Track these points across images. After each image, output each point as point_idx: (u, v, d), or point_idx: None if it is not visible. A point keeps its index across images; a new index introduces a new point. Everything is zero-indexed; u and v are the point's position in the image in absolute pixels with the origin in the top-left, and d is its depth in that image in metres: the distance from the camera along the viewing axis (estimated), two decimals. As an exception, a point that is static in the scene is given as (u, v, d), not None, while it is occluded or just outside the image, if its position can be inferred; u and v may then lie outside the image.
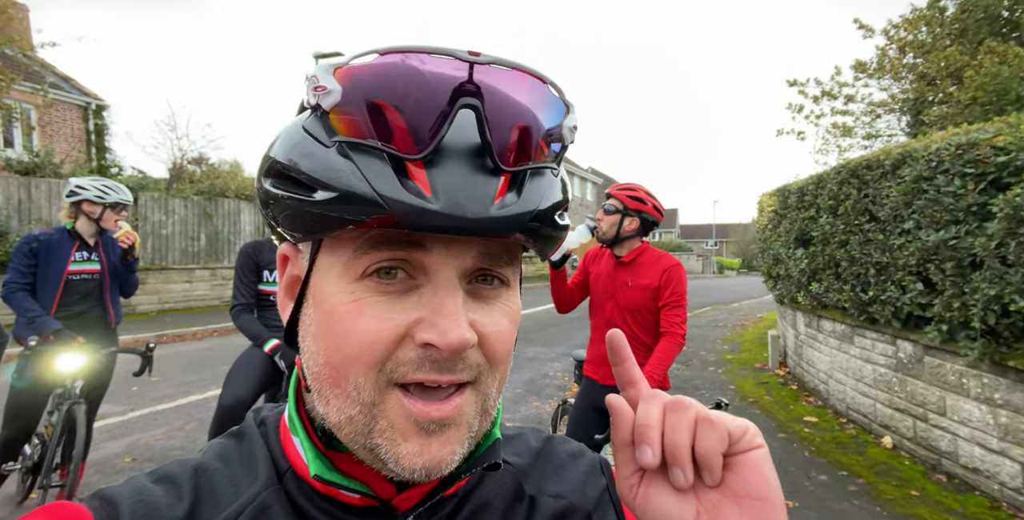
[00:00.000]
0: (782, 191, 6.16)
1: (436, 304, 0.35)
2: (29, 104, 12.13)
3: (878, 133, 11.39)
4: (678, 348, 2.15)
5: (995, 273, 2.88)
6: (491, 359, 0.37)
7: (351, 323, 0.35)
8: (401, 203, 0.32)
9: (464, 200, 0.33)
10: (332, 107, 0.34)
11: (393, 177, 0.33)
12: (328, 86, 0.33)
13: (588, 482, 0.49)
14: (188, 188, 12.25)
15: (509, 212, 0.34)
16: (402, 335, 0.35)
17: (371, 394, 0.35)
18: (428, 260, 0.35)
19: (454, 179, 0.33)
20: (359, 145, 0.33)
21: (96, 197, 2.78)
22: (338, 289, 0.36)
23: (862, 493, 3.28)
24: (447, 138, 0.34)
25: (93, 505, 0.37)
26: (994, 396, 3.11)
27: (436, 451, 0.35)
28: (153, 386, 5.58)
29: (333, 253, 0.37)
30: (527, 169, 0.36)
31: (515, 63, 0.36)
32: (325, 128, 0.35)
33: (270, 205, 0.38)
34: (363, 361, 0.35)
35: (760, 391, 5.70)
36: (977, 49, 9.39)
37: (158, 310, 11.05)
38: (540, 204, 0.36)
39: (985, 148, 3.04)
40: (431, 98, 0.33)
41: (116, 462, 3.66)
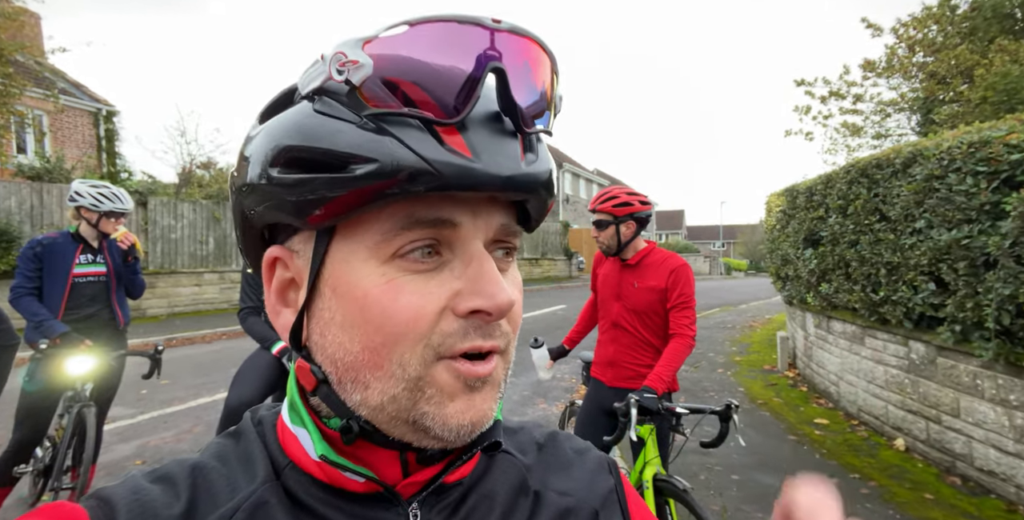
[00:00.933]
0: (790, 191, 6.12)
1: (473, 273, 0.36)
2: (41, 110, 12.30)
3: (888, 132, 11.29)
4: (688, 350, 2.13)
5: (1009, 272, 2.84)
6: (514, 326, 0.40)
7: (390, 302, 0.35)
8: (447, 164, 0.34)
9: (500, 158, 0.35)
10: (363, 81, 0.34)
11: (434, 142, 0.34)
12: (360, 60, 0.34)
13: (595, 480, 0.49)
14: (197, 192, 12.38)
15: (535, 169, 0.37)
16: (443, 307, 0.36)
17: (417, 369, 0.36)
18: (456, 235, 0.36)
19: (486, 141, 0.35)
20: (392, 116, 0.34)
21: (91, 205, 2.79)
22: (368, 272, 0.36)
23: (875, 496, 3.24)
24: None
25: (90, 505, 0.37)
26: (1009, 397, 3.06)
27: (479, 405, 0.37)
28: (162, 389, 5.62)
29: (354, 238, 0.37)
30: (537, 132, 0.39)
31: (528, 32, 0.38)
32: (351, 105, 0.35)
33: (273, 198, 0.36)
34: (410, 337, 0.35)
35: (769, 393, 5.65)
36: (988, 47, 9.30)
37: (168, 313, 11.14)
38: (550, 165, 0.39)
39: (998, 146, 3.00)
40: (458, 65, 0.35)
41: (126, 464, 3.68)
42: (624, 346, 2.33)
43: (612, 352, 2.36)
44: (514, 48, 0.37)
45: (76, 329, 2.79)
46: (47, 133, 12.82)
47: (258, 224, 0.40)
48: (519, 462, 0.48)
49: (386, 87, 0.34)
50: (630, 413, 1.84)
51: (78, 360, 2.61)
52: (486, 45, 0.35)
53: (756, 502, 3.16)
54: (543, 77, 0.39)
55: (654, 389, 1.97)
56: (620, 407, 1.89)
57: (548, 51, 0.39)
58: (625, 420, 1.85)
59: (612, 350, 2.37)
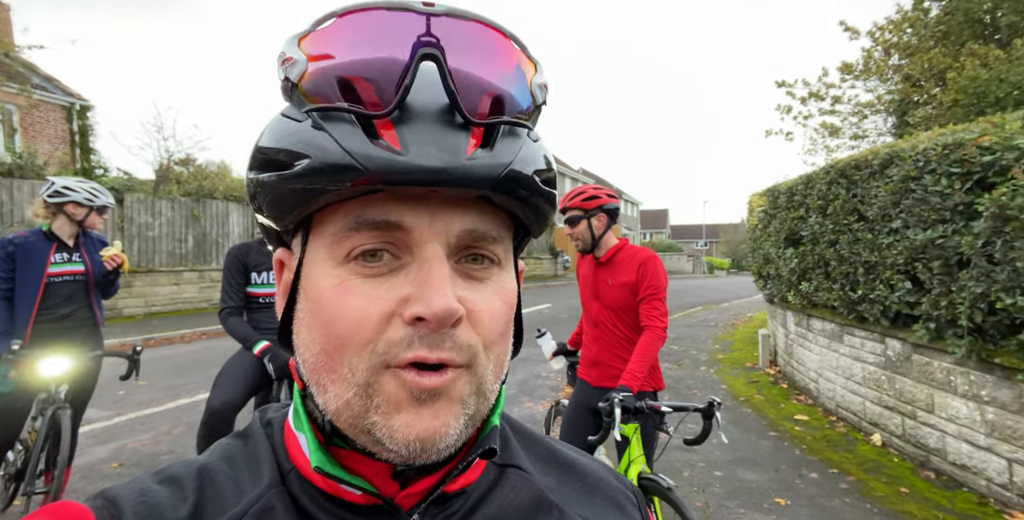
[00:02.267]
0: (772, 191, 6.21)
1: (422, 278, 0.34)
2: (12, 105, 11.93)
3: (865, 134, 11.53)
4: (659, 342, 2.13)
5: (981, 271, 2.92)
6: (484, 338, 0.36)
7: (338, 304, 0.35)
8: (371, 159, 0.32)
9: (434, 151, 0.33)
10: (299, 77, 0.34)
11: (362, 136, 0.33)
12: (294, 56, 0.34)
13: (620, 514, 0.47)
14: (175, 189, 12.11)
15: (480, 163, 0.34)
16: (390, 312, 0.34)
17: (364, 374, 0.34)
18: (410, 239, 0.35)
19: (423, 133, 0.33)
20: (328, 111, 0.34)
21: (86, 199, 2.71)
22: (324, 274, 0.36)
23: (853, 490, 3.31)
24: (413, 95, 0.34)
25: (96, 505, 0.37)
26: (981, 393, 3.15)
27: (428, 421, 0.35)
28: (140, 390, 5.50)
29: (318, 239, 0.37)
30: (498, 123, 0.35)
31: (472, 14, 0.35)
32: (296, 102, 0.35)
33: (256, 197, 0.38)
34: (355, 340, 0.34)
35: (751, 390, 5.74)
36: (960, 51, 9.54)
37: (144, 313, 10.90)
38: (514, 161, 0.35)
39: (971, 148, 3.08)
40: (392, 54, 0.34)
41: (102, 468, 3.60)
42: (607, 345, 2.34)
43: (596, 352, 2.38)
44: (458, 34, 0.35)
45: (53, 329, 2.72)
46: (18, 128, 12.45)
47: (266, 226, 0.41)
48: (533, 478, 0.46)
49: (326, 76, 0.34)
50: (614, 412, 1.85)
51: (51, 362, 2.54)
52: (420, 31, 0.34)
53: (738, 498, 3.21)
54: (501, 62, 0.36)
55: (628, 387, 1.98)
56: (604, 407, 1.90)
57: (507, 34, 0.37)
58: (609, 420, 1.86)
59: (596, 350, 2.38)
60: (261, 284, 2.73)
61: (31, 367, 2.54)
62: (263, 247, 2.75)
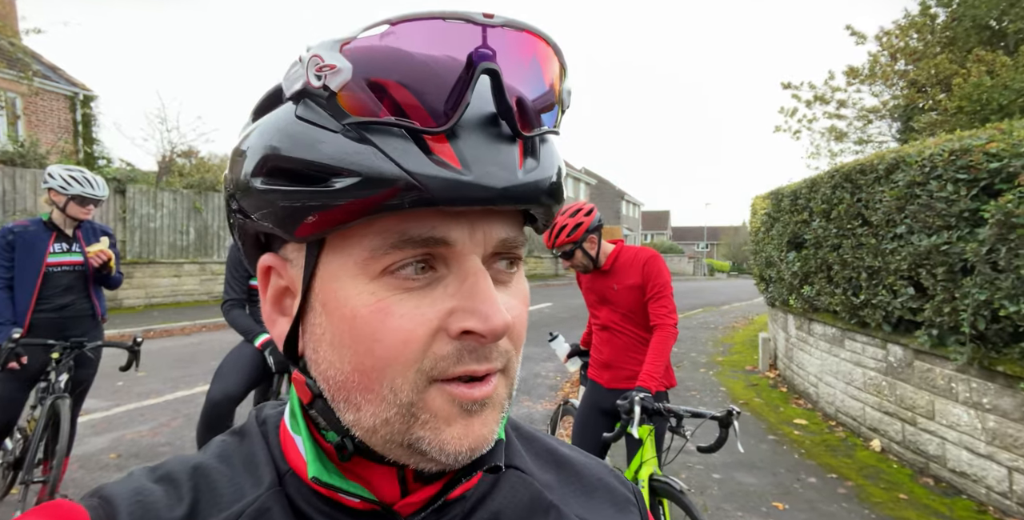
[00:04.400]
0: (775, 194, 6.20)
1: (467, 291, 0.33)
2: (14, 93, 11.92)
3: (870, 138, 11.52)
4: (672, 339, 2.14)
5: (985, 278, 2.91)
6: (515, 344, 0.37)
7: (379, 325, 0.33)
8: (433, 178, 0.31)
9: (494, 169, 0.32)
10: (341, 86, 0.31)
11: (419, 153, 0.31)
12: (337, 64, 0.31)
13: (619, 513, 0.47)
14: (177, 181, 12.11)
15: (534, 177, 0.34)
16: (436, 329, 0.33)
17: (409, 394, 0.34)
18: (451, 252, 0.34)
19: (479, 149, 0.32)
20: (373, 124, 0.31)
21: (59, 187, 2.64)
22: (357, 291, 0.34)
23: (851, 496, 3.31)
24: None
25: (91, 504, 0.36)
26: (982, 400, 3.14)
27: (478, 430, 0.35)
28: (139, 381, 5.50)
29: (343, 253, 0.34)
30: (539, 135, 0.35)
31: (526, 24, 0.34)
32: (331, 112, 0.32)
33: (260, 208, 0.35)
34: (400, 361, 0.33)
35: (751, 393, 5.74)
36: (967, 57, 9.53)
37: (145, 304, 10.91)
38: (554, 170, 0.36)
39: (978, 154, 3.07)
40: (446, 67, 0.32)
41: (101, 458, 3.60)
42: (618, 348, 2.35)
43: (608, 354, 2.38)
44: (511, 44, 0.34)
45: (51, 319, 2.71)
46: (20, 116, 12.43)
47: (251, 230, 0.38)
48: (531, 478, 0.46)
49: (372, 90, 0.31)
50: (633, 411, 1.85)
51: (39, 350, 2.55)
52: (478, 43, 0.32)
53: (736, 501, 3.21)
54: (548, 73, 0.36)
55: (647, 388, 1.98)
56: (623, 404, 1.89)
57: (552, 44, 0.36)
58: (628, 418, 1.86)
59: (607, 352, 2.39)
60: None
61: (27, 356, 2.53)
62: None
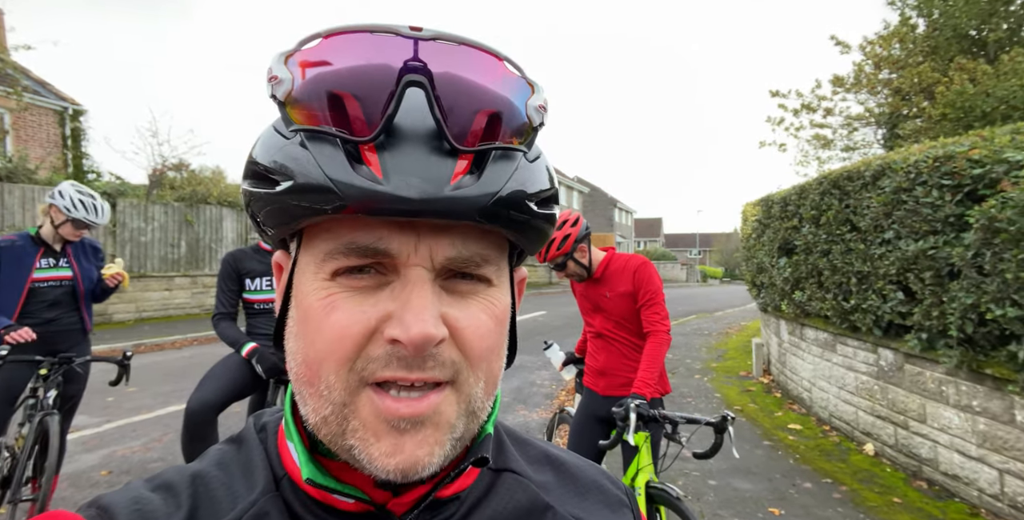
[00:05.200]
0: (766, 201, 6.27)
1: (404, 298, 0.34)
2: (3, 108, 11.85)
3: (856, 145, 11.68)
4: (665, 345, 2.15)
5: (972, 282, 2.96)
6: (468, 355, 0.35)
7: (323, 318, 0.34)
8: (351, 187, 0.32)
9: (415, 181, 0.32)
10: (286, 96, 0.33)
11: (345, 162, 0.32)
12: (280, 75, 0.33)
13: (612, 514, 0.48)
14: (168, 194, 12.03)
15: (464, 194, 0.33)
16: (372, 329, 0.34)
17: (341, 394, 0.34)
18: (396, 262, 0.35)
19: (407, 161, 0.33)
20: (314, 133, 0.33)
21: (64, 207, 2.68)
22: (314, 286, 0.36)
23: (846, 500, 3.32)
24: (400, 120, 0.33)
25: (89, 514, 0.36)
26: (972, 403, 3.17)
27: (410, 451, 0.34)
28: (130, 396, 5.43)
29: (309, 251, 0.37)
30: (489, 150, 0.34)
31: (461, 38, 0.34)
32: (284, 119, 0.35)
33: (249, 205, 0.38)
34: (333, 357, 0.34)
35: (745, 399, 5.75)
36: (948, 66, 9.72)
37: (135, 318, 10.79)
38: (503, 187, 0.34)
39: (961, 161, 3.13)
40: (378, 79, 0.33)
41: (92, 475, 3.54)
42: (613, 354, 2.36)
43: (602, 361, 2.39)
44: (449, 58, 0.34)
45: (38, 335, 2.69)
46: (9, 131, 12.35)
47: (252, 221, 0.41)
48: (527, 481, 0.46)
49: (317, 100, 0.33)
50: (629, 418, 1.85)
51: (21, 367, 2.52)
52: (408, 56, 0.33)
53: (732, 507, 3.21)
54: (493, 85, 0.35)
55: (642, 395, 1.99)
56: (618, 411, 1.90)
57: (500, 56, 0.36)
58: (623, 425, 1.86)
59: (602, 359, 2.40)
60: (254, 290, 2.73)
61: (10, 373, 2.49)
62: (257, 254, 2.76)
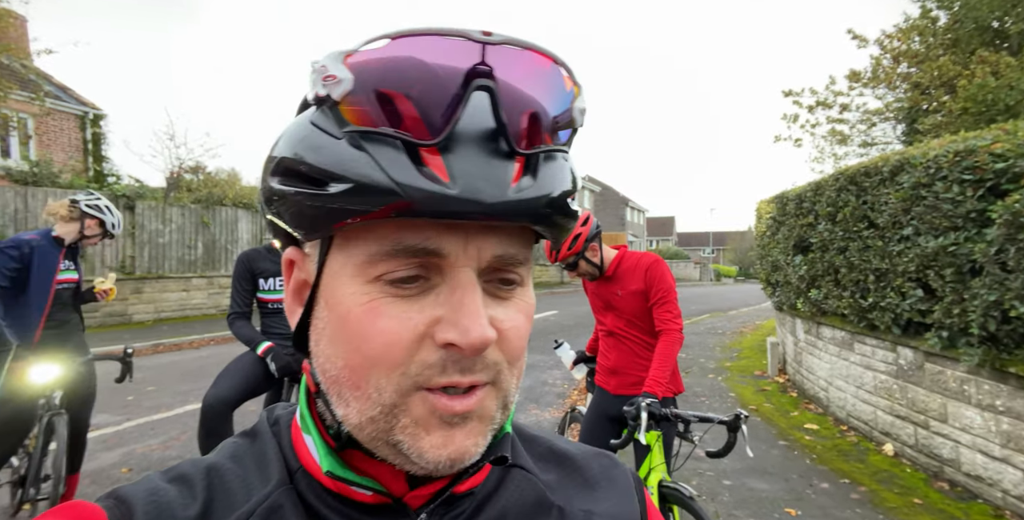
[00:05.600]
0: (780, 198, 6.19)
1: (455, 302, 0.34)
2: (26, 113, 12.13)
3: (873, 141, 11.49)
4: (677, 344, 2.14)
5: (995, 279, 2.89)
6: (508, 356, 0.37)
7: (368, 324, 0.34)
8: (418, 189, 0.32)
9: (482, 184, 0.32)
10: (343, 96, 0.33)
11: (409, 164, 0.32)
12: (338, 75, 0.33)
13: (623, 506, 0.48)
14: (185, 197, 12.23)
15: (526, 195, 0.34)
16: (422, 335, 0.34)
17: (392, 396, 0.35)
18: (444, 263, 0.35)
19: (470, 163, 0.33)
20: (371, 134, 0.33)
21: (111, 226, 2.82)
22: (353, 290, 0.35)
23: (864, 501, 3.26)
24: (460, 122, 0.33)
25: (108, 504, 0.37)
26: (995, 403, 3.10)
27: (460, 442, 0.35)
28: (149, 395, 5.53)
29: (345, 252, 0.36)
30: (541, 152, 0.35)
31: (528, 43, 0.35)
32: (335, 119, 0.34)
33: (275, 203, 0.37)
34: (384, 363, 0.34)
35: (760, 398, 5.69)
36: (970, 59, 9.51)
37: (154, 319, 10.98)
38: (555, 188, 0.35)
39: (983, 155, 3.06)
40: (443, 82, 0.33)
41: (112, 472, 3.61)
42: (625, 353, 2.35)
43: (614, 360, 2.38)
44: (512, 62, 0.34)
45: (51, 335, 2.73)
46: (32, 136, 12.64)
47: (275, 224, 0.40)
48: (535, 478, 0.46)
49: (375, 101, 0.33)
50: (640, 416, 1.84)
51: (42, 369, 2.53)
52: (476, 60, 0.33)
53: (748, 508, 3.17)
54: (554, 91, 0.36)
55: (653, 394, 1.98)
56: (630, 410, 1.88)
57: (560, 62, 0.36)
58: (635, 424, 1.85)
59: (613, 358, 2.39)
60: (268, 290, 2.77)
61: (22, 375, 2.53)
62: (270, 254, 2.79)
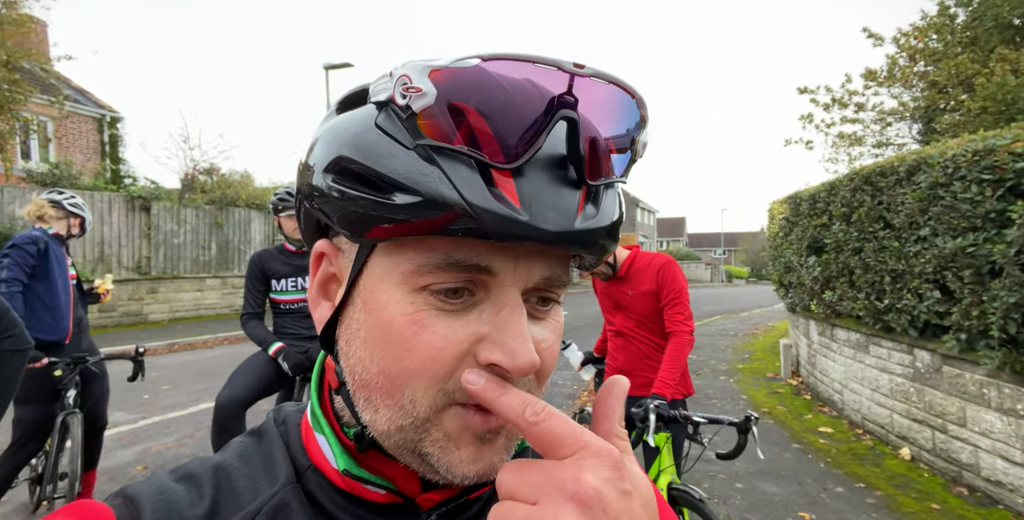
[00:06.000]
0: (793, 198, 6.13)
1: (500, 322, 0.34)
2: (46, 116, 12.37)
3: (889, 141, 11.32)
4: (688, 346, 2.13)
5: (1015, 280, 2.84)
6: (540, 375, 0.37)
7: (412, 336, 0.34)
8: (489, 213, 0.31)
9: (551, 213, 0.33)
10: (423, 110, 0.32)
11: (482, 185, 0.32)
12: (423, 88, 0.32)
13: None
14: (200, 198, 12.39)
15: (590, 225, 0.34)
16: (465, 352, 0.34)
17: (426, 410, 0.35)
18: (492, 281, 0.35)
19: (541, 190, 0.33)
20: (445, 149, 0.33)
21: (89, 221, 2.92)
22: (398, 299, 0.35)
23: (880, 506, 3.21)
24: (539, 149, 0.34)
25: (116, 503, 0.37)
26: (1016, 407, 3.04)
27: (489, 458, 0.36)
28: (164, 394, 5.61)
29: (392, 258, 0.35)
30: (605, 183, 0.36)
31: (616, 78, 0.35)
32: (409, 130, 0.33)
33: (319, 199, 0.37)
34: (425, 376, 0.34)
35: (773, 401, 5.63)
36: (989, 57, 9.34)
37: (169, 319, 11.14)
38: (612, 218, 0.36)
39: (1003, 154, 3.01)
40: (526, 107, 0.33)
41: (128, 470, 3.67)
42: (634, 354, 2.35)
43: (623, 361, 2.38)
44: (596, 94, 0.35)
45: (76, 334, 2.79)
46: (52, 139, 12.89)
47: (313, 216, 0.40)
48: None
49: (452, 115, 0.32)
50: (648, 418, 1.84)
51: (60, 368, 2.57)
52: (563, 89, 0.33)
53: (761, 511, 3.14)
54: (626, 124, 0.37)
55: (662, 395, 1.97)
56: (637, 412, 1.88)
57: (638, 97, 0.37)
58: (643, 426, 1.84)
59: (622, 359, 2.39)
60: (280, 291, 2.80)
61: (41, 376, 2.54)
62: (281, 255, 2.81)
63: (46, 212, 2.76)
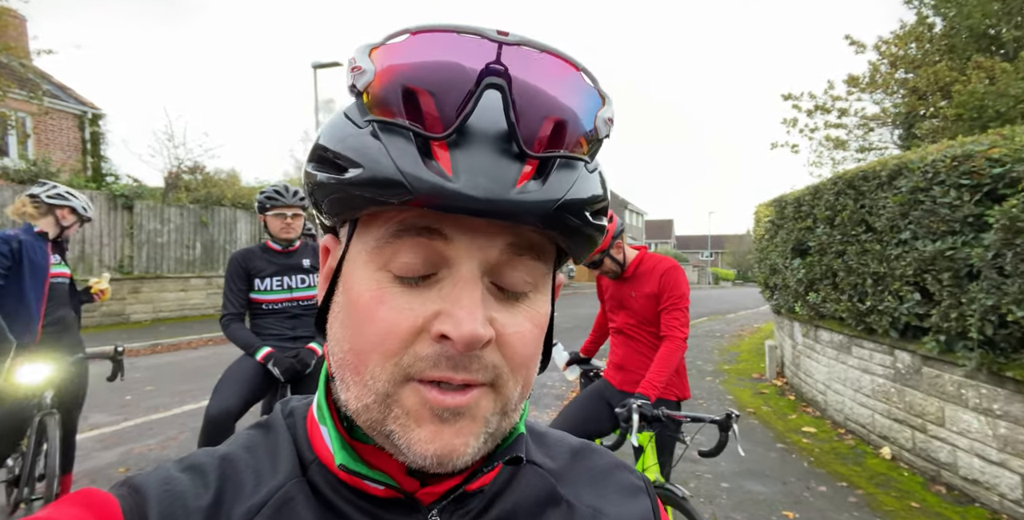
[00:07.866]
0: (779, 202, 6.21)
1: (455, 296, 0.34)
2: (24, 112, 12.11)
3: (871, 146, 11.53)
4: (679, 351, 2.15)
5: (992, 283, 2.91)
6: (510, 361, 0.36)
7: (371, 311, 0.35)
8: (421, 181, 0.32)
9: (484, 181, 0.33)
10: (365, 87, 0.34)
11: (416, 156, 0.33)
12: (363, 66, 0.34)
13: (630, 502, 0.48)
14: (184, 197, 12.22)
15: (529, 198, 0.33)
16: (420, 327, 0.35)
17: (385, 385, 0.35)
18: (449, 251, 0.35)
19: (477, 160, 0.33)
20: (388, 125, 0.34)
21: (82, 208, 2.76)
22: (364, 276, 0.36)
23: (862, 504, 3.27)
24: (473, 120, 0.34)
25: (121, 493, 0.37)
26: (993, 407, 3.11)
27: (448, 439, 0.35)
28: (147, 395, 5.51)
29: (362, 239, 0.37)
30: (555, 157, 0.35)
31: (545, 46, 0.35)
32: (360, 109, 0.36)
33: (313, 190, 0.38)
34: (379, 351, 0.35)
35: (758, 401, 5.70)
36: (966, 64, 9.56)
37: (152, 319, 10.95)
38: (565, 195, 0.35)
39: (980, 160, 3.08)
40: (458, 78, 0.34)
41: (110, 472, 3.60)
42: (632, 351, 2.39)
43: (622, 356, 2.43)
44: (529, 63, 0.34)
45: (55, 333, 2.70)
46: (31, 135, 12.61)
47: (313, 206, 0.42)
48: (546, 472, 0.47)
49: (396, 93, 0.34)
50: (632, 418, 1.86)
51: (30, 369, 2.48)
52: (490, 58, 0.33)
53: (746, 510, 3.17)
54: (568, 95, 0.36)
55: (646, 396, 2.00)
56: (621, 412, 1.90)
57: (582, 68, 0.36)
58: (627, 426, 1.86)
59: (621, 354, 2.43)
60: (264, 290, 2.70)
61: (10, 375, 2.45)
62: (265, 253, 2.75)
63: (27, 210, 2.69)
